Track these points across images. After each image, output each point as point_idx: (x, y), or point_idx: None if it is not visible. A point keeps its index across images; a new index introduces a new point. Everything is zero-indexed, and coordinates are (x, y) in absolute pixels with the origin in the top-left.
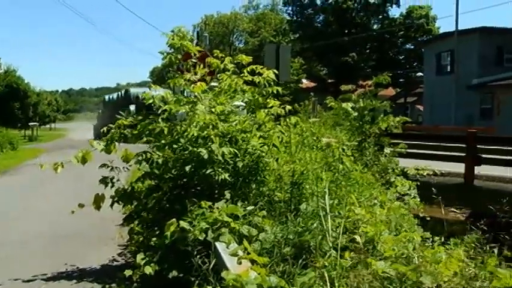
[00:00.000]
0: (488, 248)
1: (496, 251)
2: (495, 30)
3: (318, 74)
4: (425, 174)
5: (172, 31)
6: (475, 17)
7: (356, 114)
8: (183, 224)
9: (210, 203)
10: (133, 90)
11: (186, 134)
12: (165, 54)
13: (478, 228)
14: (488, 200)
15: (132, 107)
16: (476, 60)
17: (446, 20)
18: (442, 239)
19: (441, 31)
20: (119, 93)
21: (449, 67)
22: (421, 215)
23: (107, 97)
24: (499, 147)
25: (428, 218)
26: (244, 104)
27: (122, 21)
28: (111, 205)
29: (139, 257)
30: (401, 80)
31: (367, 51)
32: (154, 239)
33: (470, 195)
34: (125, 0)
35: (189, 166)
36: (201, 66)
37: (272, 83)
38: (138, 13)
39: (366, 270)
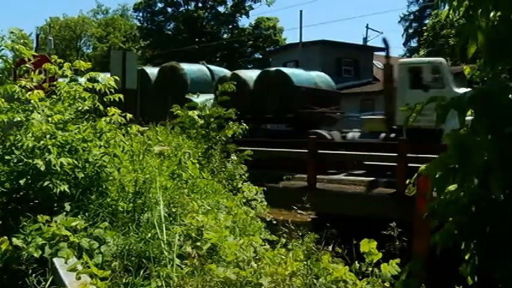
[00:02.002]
0: (324, 246)
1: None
2: (334, 43)
3: None
4: None
5: (12, 32)
6: (317, 30)
7: (202, 121)
8: (16, 241)
9: (47, 217)
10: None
11: (20, 144)
12: None
13: (320, 228)
14: (330, 201)
15: None
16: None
17: (291, 32)
18: (285, 241)
19: (287, 42)
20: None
21: None
22: (268, 219)
23: None
24: (338, 152)
25: (274, 222)
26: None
27: None
28: None
29: None
30: None
31: (218, 59)
32: None
33: (314, 197)
34: None
35: (24, 179)
36: (37, 72)
37: (113, 90)
38: None
39: (207, 276)
